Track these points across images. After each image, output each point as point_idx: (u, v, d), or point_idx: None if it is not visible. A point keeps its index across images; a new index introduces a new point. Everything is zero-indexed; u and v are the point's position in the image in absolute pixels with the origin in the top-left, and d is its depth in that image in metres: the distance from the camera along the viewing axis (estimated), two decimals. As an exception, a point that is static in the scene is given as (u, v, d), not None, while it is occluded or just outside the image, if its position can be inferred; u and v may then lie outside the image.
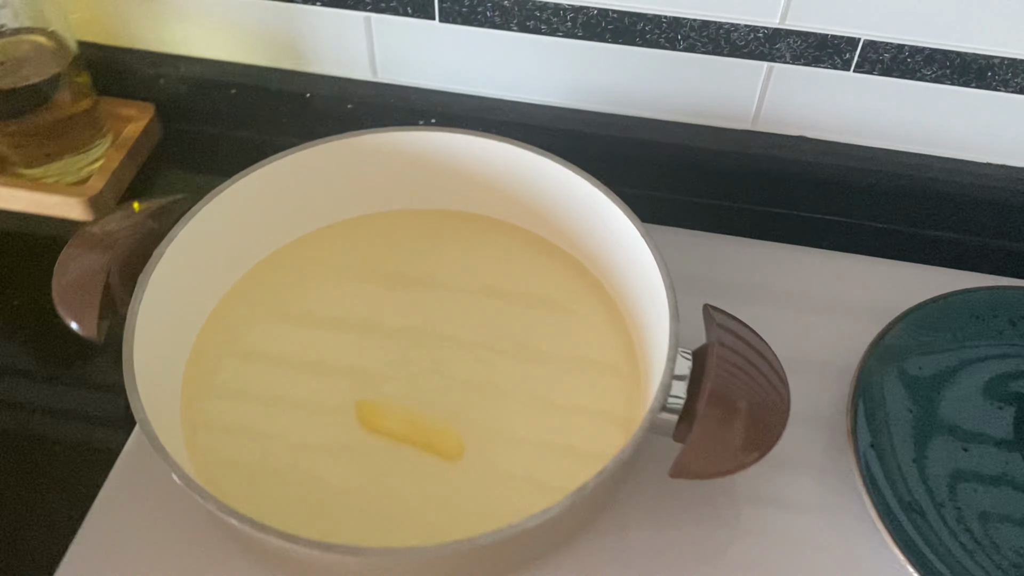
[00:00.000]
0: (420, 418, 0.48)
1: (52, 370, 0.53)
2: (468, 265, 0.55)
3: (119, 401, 0.44)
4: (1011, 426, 0.49)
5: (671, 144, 0.59)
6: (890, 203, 0.59)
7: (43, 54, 0.55)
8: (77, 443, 0.49)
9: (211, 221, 0.50)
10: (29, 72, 0.54)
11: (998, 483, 0.47)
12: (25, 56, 0.55)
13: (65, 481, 0.48)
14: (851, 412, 0.48)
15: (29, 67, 0.54)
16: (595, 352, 0.51)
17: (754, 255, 0.58)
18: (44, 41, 0.55)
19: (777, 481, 0.48)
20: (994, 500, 0.47)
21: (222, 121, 0.65)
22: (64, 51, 0.56)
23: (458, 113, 0.61)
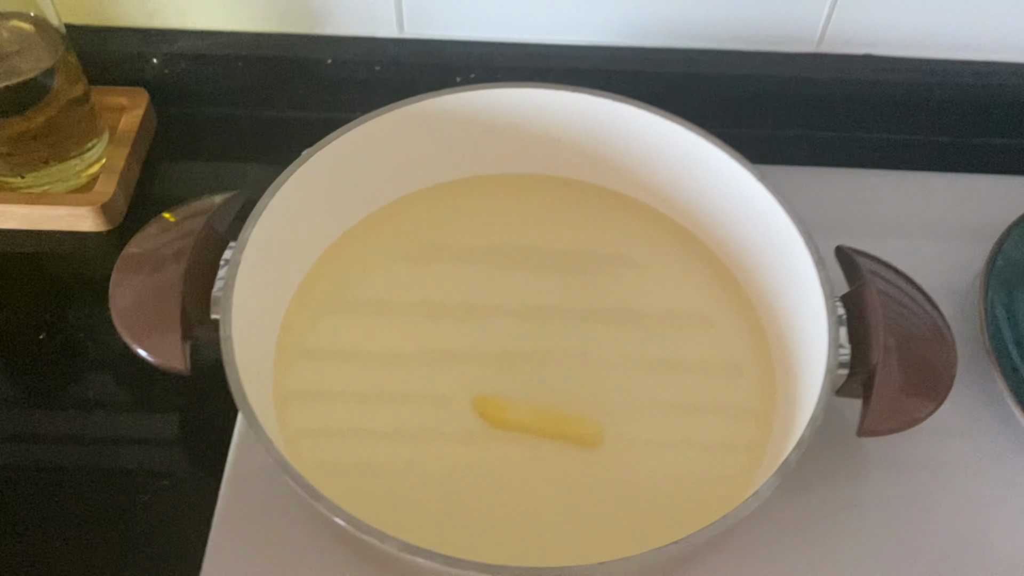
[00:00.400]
0: (548, 406, 0.44)
1: (129, 400, 0.46)
2: (560, 233, 0.50)
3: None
4: None
5: (736, 75, 0.55)
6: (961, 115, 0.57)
7: (31, 43, 0.47)
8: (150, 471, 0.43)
9: (281, 209, 0.43)
10: (20, 65, 0.46)
11: None
12: (11, 46, 0.46)
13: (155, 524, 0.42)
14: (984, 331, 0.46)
15: (19, 59, 0.46)
16: (710, 312, 0.48)
17: (838, 184, 0.55)
18: (27, 27, 0.47)
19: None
20: None
21: (229, 100, 0.57)
22: (53, 37, 0.47)
23: (499, 65, 0.55)
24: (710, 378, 0.46)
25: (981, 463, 0.45)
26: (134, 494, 0.42)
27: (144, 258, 0.42)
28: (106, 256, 0.51)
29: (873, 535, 0.43)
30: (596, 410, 0.44)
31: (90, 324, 0.48)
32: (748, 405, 0.44)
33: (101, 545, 0.41)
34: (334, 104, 0.57)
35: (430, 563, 0.33)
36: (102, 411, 0.45)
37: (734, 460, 0.43)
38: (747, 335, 0.47)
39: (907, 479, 0.44)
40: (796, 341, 0.44)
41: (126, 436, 0.45)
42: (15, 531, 0.41)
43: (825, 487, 0.44)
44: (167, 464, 0.44)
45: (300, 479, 0.34)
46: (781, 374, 0.45)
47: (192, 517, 0.42)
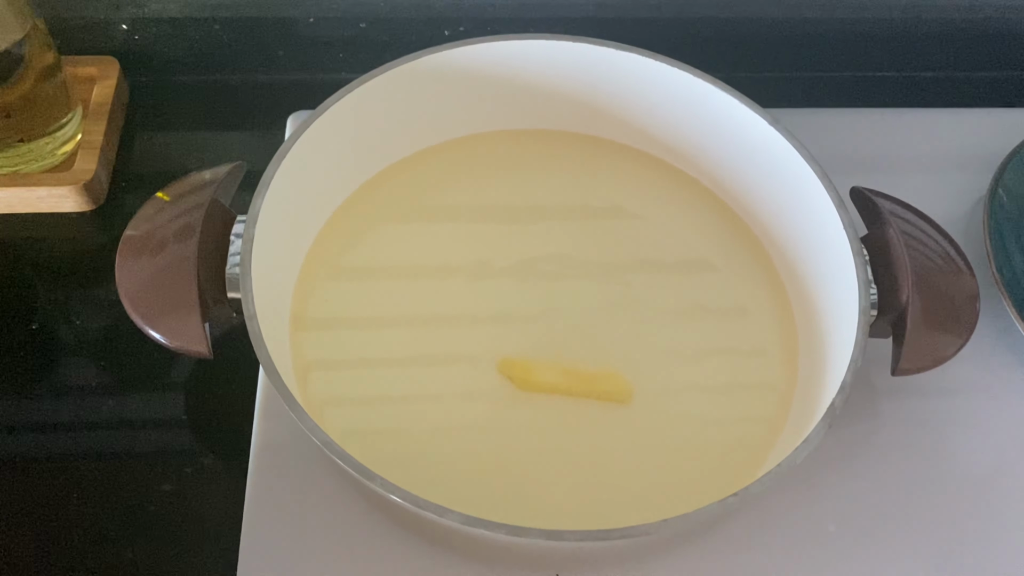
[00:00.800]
0: (575, 365, 0.43)
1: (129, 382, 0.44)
2: (566, 188, 0.49)
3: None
4: None
5: (727, 18, 0.55)
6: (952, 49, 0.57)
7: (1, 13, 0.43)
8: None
9: (288, 177, 0.41)
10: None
11: None
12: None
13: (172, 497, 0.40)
14: (991, 258, 0.47)
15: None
16: (725, 262, 0.47)
17: (833, 124, 0.54)
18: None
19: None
20: None
21: (206, 65, 0.54)
22: (19, 5, 0.44)
23: (490, 16, 0.53)
24: (729, 326, 0.45)
25: (990, 388, 0.46)
26: (156, 484, 0.41)
27: (147, 239, 0.40)
28: (93, 237, 0.49)
29: (891, 465, 0.44)
30: (619, 363, 0.43)
31: (85, 309, 0.46)
32: (770, 351, 0.45)
33: (123, 540, 0.39)
34: (318, 65, 0.55)
35: (494, 534, 0.32)
36: (112, 399, 0.43)
37: (762, 403, 0.43)
38: (764, 284, 0.46)
39: (922, 409, 0.45)
40: (817, 287, 0.44)
41: (138, 424, 0.43)
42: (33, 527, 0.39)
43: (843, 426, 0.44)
44: (186, 450, 0.42)
45: (350, 459, 0.33)
46: (800, 317, 0.45)
47: (220, 503, 0.40)
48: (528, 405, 0.42)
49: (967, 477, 0.43)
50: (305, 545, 0.39)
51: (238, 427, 0.42)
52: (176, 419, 0.43)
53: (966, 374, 0.46)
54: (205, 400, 0.44)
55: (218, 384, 0.44)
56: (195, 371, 0.45)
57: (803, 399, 0.42)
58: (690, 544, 0.40)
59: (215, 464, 0.42)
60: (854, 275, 0.40)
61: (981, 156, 0.52)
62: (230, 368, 0.44)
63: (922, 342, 0.39)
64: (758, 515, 0.41)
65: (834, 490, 0.42)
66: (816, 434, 0.35)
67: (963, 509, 0.42)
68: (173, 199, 0.42)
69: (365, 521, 0.40)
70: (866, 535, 0.41)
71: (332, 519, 0.40)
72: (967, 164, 0.53)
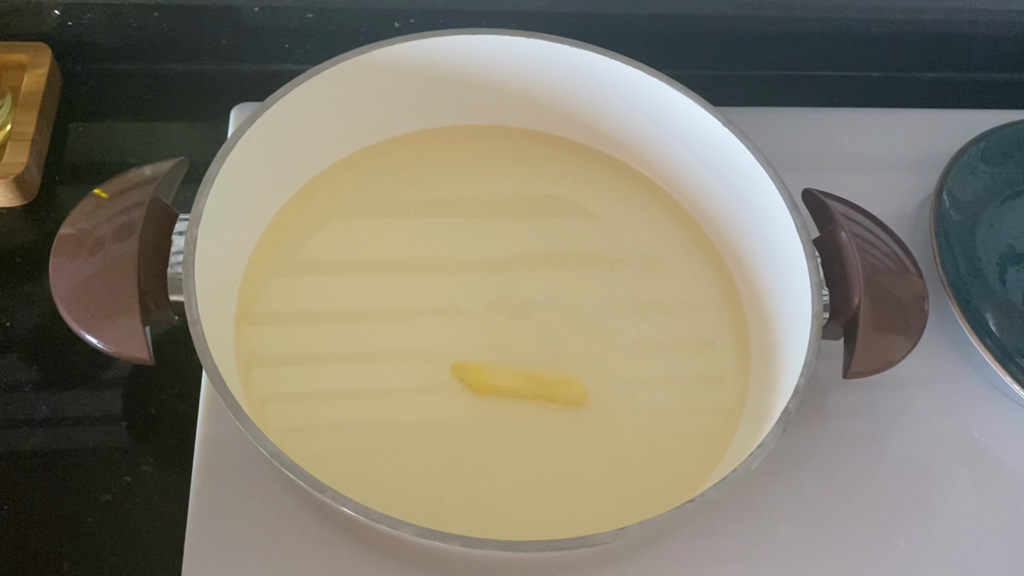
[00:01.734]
0: (530, 368, 0.43)
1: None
2: (518, 184, 0.48)
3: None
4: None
5: (679, 15, 0.54)
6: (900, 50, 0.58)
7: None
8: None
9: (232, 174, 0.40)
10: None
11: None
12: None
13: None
14: (938, 259, 0.48)
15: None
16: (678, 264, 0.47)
17: (781, 123, 0.54)
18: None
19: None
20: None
21: (145, 54, 0.52)
22: (-58, -12, 0.42)
23: (441, 8, 0.52)
24: (683, 322, 0.45)
25: (936, 388, 0.47)
26: (95, 494, 0.39)
27: (84, 238, 0.38)
28: (24, 233, 0.46)
29: (841, 466, 0.44)
30: (574, 364, 0.43)
31: (15, 308, 0.44)
32: (723, 347, 0.45)
33: (64, 557, 0.38)
34: (263, 55, 0.53)
35: (448, 546, 0.31)
36: (45, 404, 0.41)
37: (717, 400, 0.43)
38: (716, 282, 0.46)
39: (870, 410, 0.46)
40: (767, 283, 0.44)
41: (73, 430, 0.41)
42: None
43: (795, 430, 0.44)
44: (126, 458, 0.40)
45: (300, 470, 0.32)
46: (753, 319, 0.45)
47: (161, 513, 0.39)
48: (482, 405, 0.42)
49: (915, 476, 0.44)
50: (252, 554, 0.38)
51: (180, 432, 0.41)
52: (114, 424, 0.41)
53: (913, 373, 0.47)
54: (145, 403, 0.42)
55: (159, 387, 0.42)
56: (134, 373, 0.43)
57: (757, 396, 0.42)
58: (646, 547, 0.40)
59: (156, 472, 0.40)
60: (807, 277, 0.40)
61: (928, 156, 0.53)
62: (171, 369, 0.42)
63: (873, 345, 0.39)
64: (712, 517, 0.41)
65: (786, 491, 0.43)
66: (771, 439, 0.35)
67: (912, 508, 0.43)
68: (111, 196, 0.40)
69: (314, 529, 0.39)
70: (817, 536, 0.42)
71: (280, 528, 0.39)
72: (914, 164, 0.53)
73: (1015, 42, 0.58)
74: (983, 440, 0.46)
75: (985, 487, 0.44)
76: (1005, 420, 0.46)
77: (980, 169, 0.52)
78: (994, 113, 0.55)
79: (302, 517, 0.39)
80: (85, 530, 0.38)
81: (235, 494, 0.39)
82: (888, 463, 0.44)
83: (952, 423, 0.46)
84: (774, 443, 0.35)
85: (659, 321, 0.45)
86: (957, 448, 0.45)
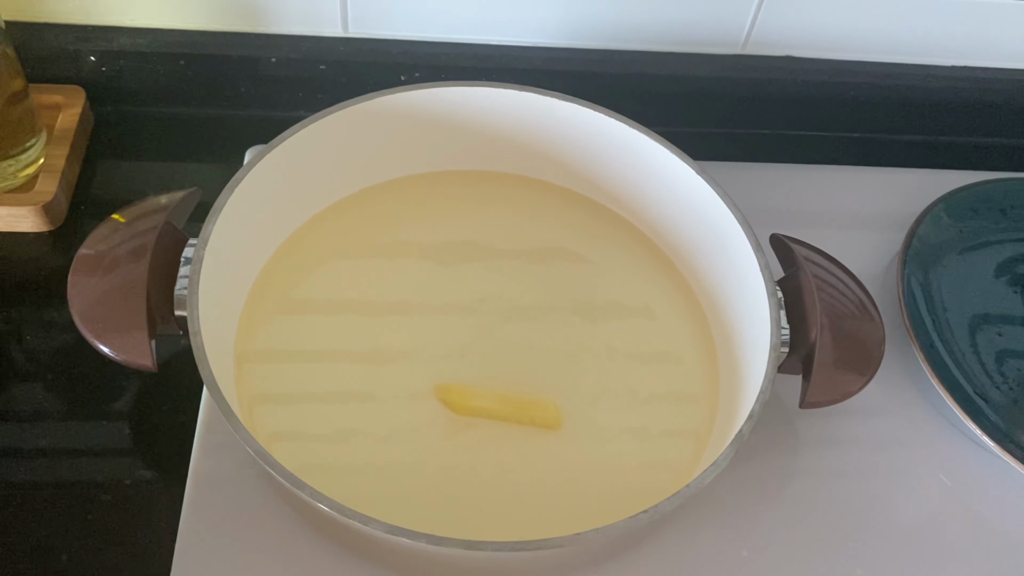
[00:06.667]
0: (509, 392, 0.45)
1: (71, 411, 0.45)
2: (507, 228, 0.52)
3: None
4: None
5: (667, 76, 0.58)
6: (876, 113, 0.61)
7: (-30, 38, 0.45)
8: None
9: (239, 206, 0.43)
10: (-39, 62, 0.45)
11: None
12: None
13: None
14: (903, 310, 0.50)
15: (-40, 56, 0.45)
16: (655, 302, 0.50)
17: (763, 178, 0.58)
18: (-36, 22, 0.46)
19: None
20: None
21: (170, 98, 0.57)
22: (-9, 32, 0.46)
23: (444, 64, 0.57)
24: (656, 363, 0.48)
25: (899, 427, 0.49)
26: (96, 493, 0.42)
27: (100, 258, 0.42)
28: (49, 257, 0.50)
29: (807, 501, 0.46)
30: (552, 394, 0.46)
31: (40, 326, 0.47)
32: (693, 388, 0.47)
33: (63, 549, 0.40)
34: (278, 103, 0.57)
35: (415, 543, 0.34)
36: (56, 413, 0.44)
37: (683, 437, 0.45)
38: (689, 322, 0.49)
39: (837, 449, 0.48)
40: (737, 325, 0.47)
41: (85, 437, 0.44)
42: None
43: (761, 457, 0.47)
44: (127, 463, 0.43)
45: (281, 468, 0.35)
46: (723, 357, 0.48)
47: (158, 515, 0.42)
48: (462, 430, 0.44)
49: (877, 508, 0.46)
50: (239, 558, 0.41)
51: (178, 441, 0.44)
52: (119, 431, 0.44)
53: (879, 416, 0.49)
54: (148, 414, 0.45)
55: (161, 399, 0.46)
56: (140, 389, 0.46)
57: (719, 434, 0.44)
58: (610, 563, 0.42)
59: (154, 477, 0.43)
60: (767, 313, 0.43)
61: (899, 212, 0.56)
62: (173, 384, 0.46)
63: (827, 378, 0.42)
64: (676, 539, 0.44)
65: (748, 517, 0.45)
66: (724, 458, 0.38)
67: (866, 537, 0.45)
68: (128, 220, 0.44)
69: (298, 537, 0.41)
70: (776, 561, 0.44)
71: (266, 534, 0.41)
72: (885, 220, 0.56)
73: (983, 108, 0.61)
74: (950, 484, 0.48)
75: (945, 521, 0.46)
76: (965, 458, 0.48)
77: (946, 223, 0.54)
78: (961, 173, 0.58)
79: (287, 524, 0.42)
80: (85, 526, 0.41)
81: (226, 500, 0.42)
82: (851, 494, 0.46)
83: (919, 466, 0.48)
84: (726, 462, 0.37)
85: (634, 362, 0.48)
86: (918, 484, 0.47)
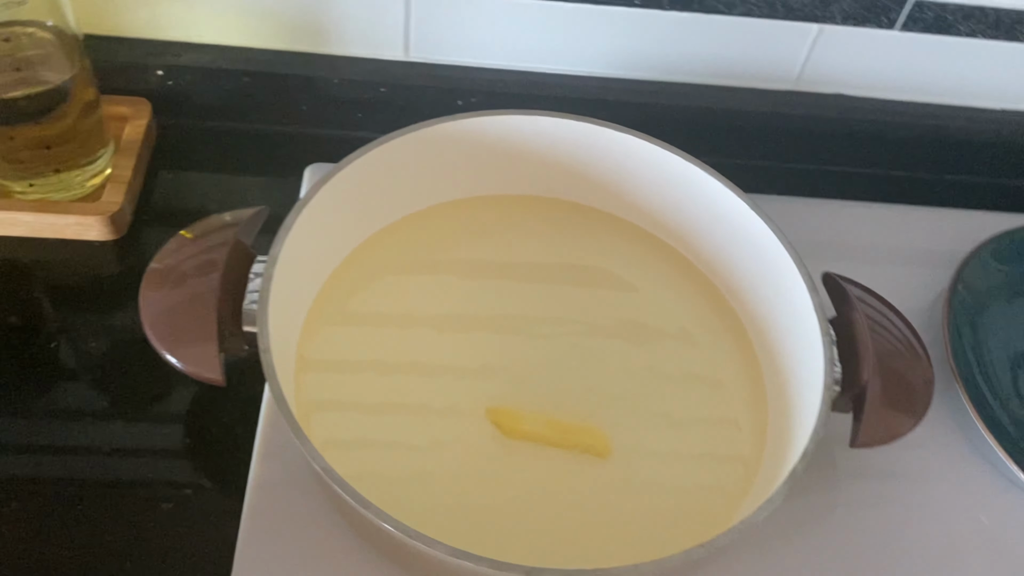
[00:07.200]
0: (560, 418, 0.46)
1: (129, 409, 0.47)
2: (560, 252, 0.53)
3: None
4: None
5: (719, 109, 0.59)
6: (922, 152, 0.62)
7: (51, 51, 0.47)
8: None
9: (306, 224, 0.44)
10: (44, 74, 0.46)
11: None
12: (35, 55, 0.46)
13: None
14: (949, 349, 0.51)
15: (42, 68, 0.46)
16: (701, 329, 0.51)
17: (809, 213, 0.59)
18: (46, 36, 0.47)
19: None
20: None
21: (232, 113, 0.58)
22: (71, 46, 0.48)
23: (500, 90, 0.58)
24: (702, 389, 0.49)
25: (939, 465, 0.50)
26: (157, 502, 0.43)
27: (170, 272, 0.43)
28: (113, 265, 0.52)
29: (846, 535, 0.46)
30: (600, 420, 0.46)
31: (103, 332, 0.48)
32: (740, 415, 0.48)
33: (126, 555, 0.42)
34: (337, 122, 0.58)
35: (477, 567, 0.35)
36: (120, 419, 0.45)
37: (731, 469, 0.46)
38: (736, 350, 0.50)
39: (878, 484, 0.48)
40: (786, 358, 0.47)
41: (144, 444, 0.45)
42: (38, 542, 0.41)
43: (805, 493, 0.47)
44: (188, 472, 0.44)
45: (350, 488, 0.36)
46: (771, 387, 0.48)
47: (217, 524, 0.43)
48: (511, 453, 0.45)
49: (909, 541, 0.47)
50: (296, 565, 0.41)
51: (237, 452, 0.45)
52: (180, 441, 0.46)
53: (920, 453, 0.50)
54: (208, 425, 0.46)
55: (221, 411, 0.47)
56: (199, 398, 0.47)
57: (769, 467, 0.45)
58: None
59: (214, 487, 0.44)
60: (821, 353, 0.43)
61: (944, 252, 0.56)
62: (232, 396, 0.46)
63: (879, 419, 0.42)
64: (713, 569, 0.44)
65: (786, 548, 0.45)
66: (778, 496, 0.38)
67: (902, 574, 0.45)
68: (196, 237, 0.45)
69: (355, 554, 0.42)
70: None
71: (322, 549, 0.42)
72: (931, 259, 0.57)
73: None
74: (989, 524, 0.48)
75: (982, 561, 0.46)
76: (1010, 505, 0.49)
77: (994, 267, 0.55)
78: (1010, 216, 0.58)
79: (343, 539, 0.43)
80: (146, 533, 0.42)
81: (284, 513, 0.43)
82: (889, 529, 0.47)
83: (958, 505, 0.48)
84: (780, 499, 0.38)
85: (683, 390, 0.48)
86: (956, 522, 0.48)
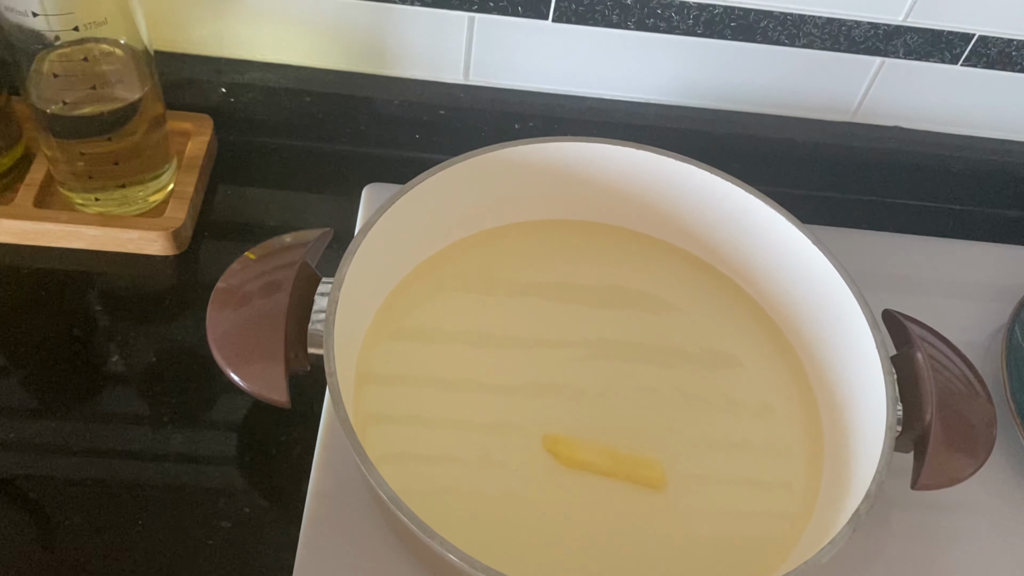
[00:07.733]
0: (615, 445, 0.46)
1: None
2: (616, 277, 0.53)
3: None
4: None
5: (777, 138, 0.59)
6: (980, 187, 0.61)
7: (125, 68, 0.48)
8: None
9: (370, 247, 0.45)
10: (119, 91, 0.47)
11: None
12: (111, 72, 0.47)
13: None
14: (1008, 387, 0.50)
15: (118, 84, 0.47)
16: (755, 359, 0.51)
17: (864, 245, 0.58)
18: (119, 53, 0.48)
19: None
20: None
21: (293, 131, 0.59)
22: (142, 63, 0.48)
23: (559, 115, 0.58)
24: (757, 419, 0.48)
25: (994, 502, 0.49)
26: (216, 520, 0.43)
27: (235, 292, 0.43)
28: (174, 279, 0.52)
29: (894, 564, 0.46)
30: (654, 447, 0.46)
31: (163, 346, 0.49)
32: (796, 449, 0.47)
33: (182, 571, 0.42)
34: (396, 143, 0.59)
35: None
36: (180, 436, 0.46)
37: (787, 501, 0.46)
38: (791, 382, 0.50)
39: (931, 524, 0.48)
40: (845, 395, 0.47)
41: (202, 459, 0.46)
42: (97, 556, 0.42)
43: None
44: (246, 491, 0.45)
45: (415, 517, 0.36)
46: (827, 422, 0.48)
47: (274, 542, 0.43)
48: (564, 477, 0.45)
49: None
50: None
51: (295, 472, 0.45)
52: (238, 460, 0.46)
53: (977, 494, 0.49)
54: (265, 444, 0.47)
55: (278, 430, 0.47)
56: (257, 416, 0.48)
57: (826, 503, 0.45)
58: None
59: (271, 506, 0.44)
60: (883, 392, 0.43)
61: (1002, 288, 0.56)
62: (290, 415, 0.47)
63: (941, 461, 0.42)
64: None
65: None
66: (841, 537, 0.38)
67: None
68: (261, 258, 0.45)
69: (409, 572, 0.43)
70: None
71: (381, 562, 0.42)
72: (988, 294, 0.56)
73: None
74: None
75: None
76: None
77: (1053, 306, 0.55)
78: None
79: (399, 562, 0.43)
80: (206, 551, 0.42)
81: (341, 533, 0.43)
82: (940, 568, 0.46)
83: (1013, 549, 0.48)
84: (843, 541, 0.38)
85: (737, 420, 0.48)
86: (1009, 563, 0.47)
